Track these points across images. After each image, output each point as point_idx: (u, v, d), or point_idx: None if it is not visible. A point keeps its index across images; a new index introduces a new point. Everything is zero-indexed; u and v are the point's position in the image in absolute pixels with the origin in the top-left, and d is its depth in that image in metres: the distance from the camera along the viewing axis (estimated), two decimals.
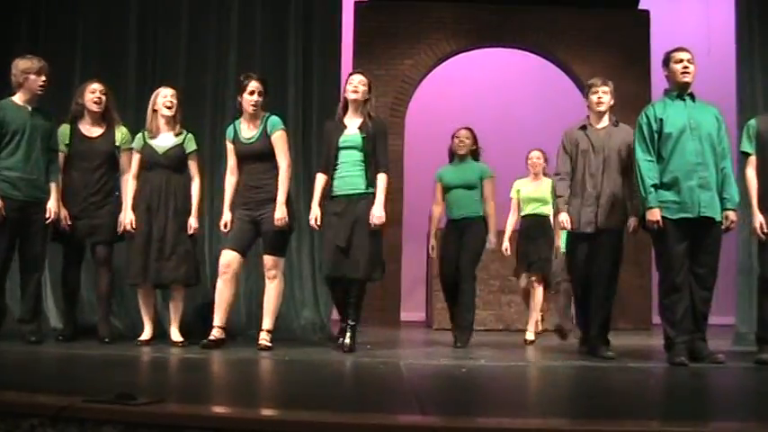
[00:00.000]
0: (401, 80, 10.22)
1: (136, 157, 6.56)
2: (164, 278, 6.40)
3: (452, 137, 7.23)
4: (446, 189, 7.15)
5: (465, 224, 7.02)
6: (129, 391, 3.43)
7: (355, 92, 6.35)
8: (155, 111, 6.56)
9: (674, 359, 5.70)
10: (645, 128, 5.95)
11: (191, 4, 8.07)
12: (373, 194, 6.21)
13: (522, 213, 7.93)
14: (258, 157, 6.33)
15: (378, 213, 6.13)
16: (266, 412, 3.55)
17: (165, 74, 7.71)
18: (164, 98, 6.55)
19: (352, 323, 6.24)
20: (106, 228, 6.48)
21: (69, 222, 6.40)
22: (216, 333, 6.24)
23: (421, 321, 10.39)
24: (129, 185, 6.55)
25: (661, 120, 5.91)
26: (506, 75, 11.20)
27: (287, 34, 8.04)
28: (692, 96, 6.01)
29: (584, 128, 6.42)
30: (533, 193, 7.89)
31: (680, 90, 5.99)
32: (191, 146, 6.58)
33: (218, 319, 6.29)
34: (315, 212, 6.33)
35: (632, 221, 6.17)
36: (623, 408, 4.07)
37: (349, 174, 6.26)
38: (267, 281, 6.34)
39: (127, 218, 6.45)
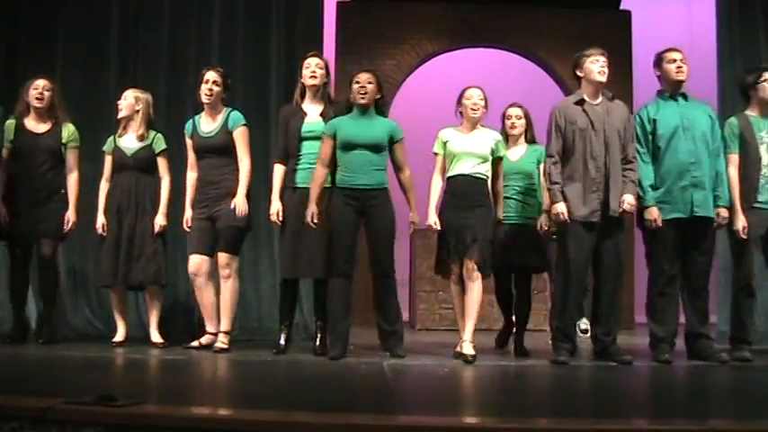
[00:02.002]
0: (383, 80, 10.17)
1: (108, 160, 6.55)
2: (132, 279, 6.38)
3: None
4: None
5: None
6: (110, 393, 3.43)
7: (314, 76, 6.14)
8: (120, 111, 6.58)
9: (659, 357, 5.76)
10: (639, 129, 5.98)
11: (172, 5, 8.04)
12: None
13: (451, 173, 6.07)
14: (216, 151, 6.25)
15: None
16: (246, 413, 3.54)
17: (147, 75, 7.69)
18: (125, 99, 6.58)
19: (320, 324, 6.17)
20: (51, 225, 6.40)
21: (7, 219, 6.33)
22: (208, 338, 6.24)
23: (404, 321, 10.31)
24: (101, 188, 6.54)
25: (654, 120, 5.95)
26: (489, 74, 11.17)
27: (269, 35, 8.02)
28: (685, 96, 6.03)
29: (580, 102, 5.91)
30: (468, 145, 6.03)
31: (673, 90, 6.02)
32: (160, 145, 6.55)
33: (211, 325, 6.27)
34: (276, 206, 6.03)
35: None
36: (608, 407, 4.09)
37: (312, 165, 5.98)
38: (222, 280, 6.23)
39: (98, 221, 6.43)
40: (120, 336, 6.45)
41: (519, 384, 5.08)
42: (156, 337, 6.41)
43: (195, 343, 6.25)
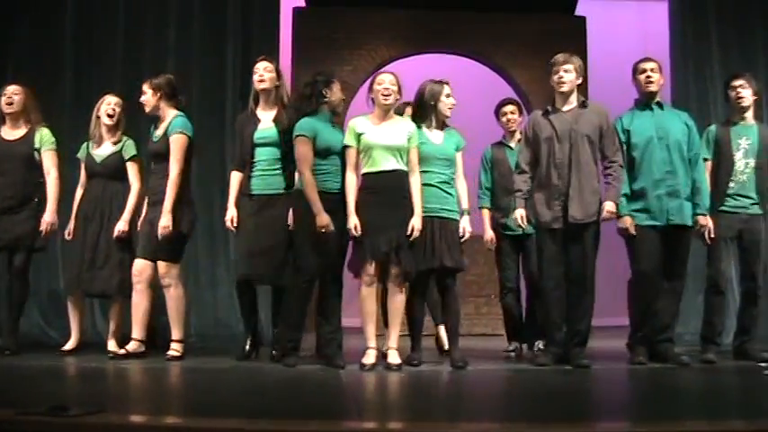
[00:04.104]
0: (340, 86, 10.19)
1: (82, 166, 6.48)
2: (95, 288, 6.30)
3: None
4: None
5: None
6: (63, 403, 3.38)
7: (262, 80, 6.04)
8: (98, 117, 6.45)
9: (634, 359, 5.86)
10: None
11: (127, 13, 8.00)
12: (291, 193, 5.79)
13: (366, 169, 5.69)
14: (157, 157, 6.18)
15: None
16: (203, 421, 3.51)
17: (102, 83, 7.58)
18: (107, 105, 6.44)
19: (276, 330, 6.09)
20: (23, 235, 6.30)
21: None
22: (132, 346, 6.11)
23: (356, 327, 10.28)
24: (76, 194, 6.46)
25: (628, 131, 6.00)
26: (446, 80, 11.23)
27: (225, 42, 8.02)
28: (661, 105, 6.09)
29: (546, 113, 5.93)
30: (384, 137, 5.64)
31: (647, 99, 6.07)
32: (130, 152, 6.45)
33: (138, 332, 6.12)
34: (231, 213, 5.97)
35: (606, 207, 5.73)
36: (570, 409, 4.10)
37: (267, 172, 5.93)
38: (164, 290, 6.13)
39: (68, 227, 6.36)
40: (71, 343, 6.35)
41: (462, 389, 5.08)
42: (113, 346, 6.28)
43: (122, 351, 6.08)
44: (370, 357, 5.56)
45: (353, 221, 5.52)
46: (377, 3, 10.29)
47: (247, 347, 6.09)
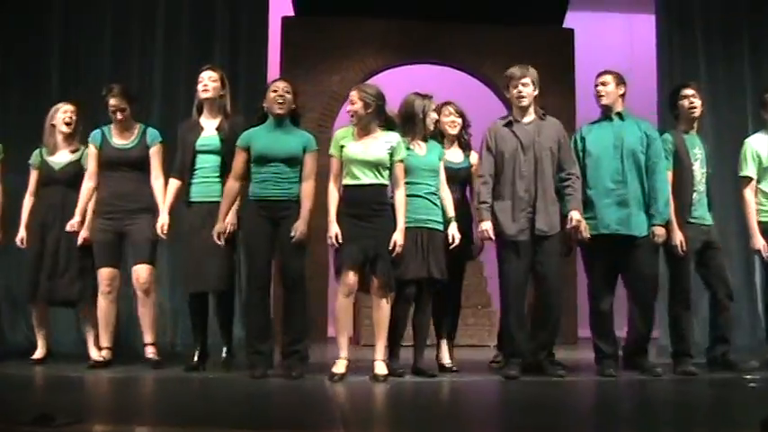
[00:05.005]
0: (328, 96, 10.17)
1: (34, 174, 6.43)
2: (56, 296, 6.26)
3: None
4: None
5: None
6: (48, 412, 3.35)
7: (206, 89, 6.01)
8: (53, 126, 6.41)
9: (603, 372, 5.85)
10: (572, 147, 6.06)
11: (113, 21, 7.97)
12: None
13: (345, 182, 5.69)
14: (133, 165, 6.16)
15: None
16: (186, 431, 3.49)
17: (88, 92, 7.51)
18: (63, 113, 6.41)
19: (225, 340, 6.05)
20: None
21: None
22: (104, 354, 6.08)
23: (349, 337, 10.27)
24: (25, 202, 6.41)
25: (584, 140, 6.05)
26: (434, 90, 11.23)
27: (213, 51, 8.01)
28: (621, 115, 6.09)
29: (509, 124, 5.93)
30: (363, 151, 5.65)
31: (604, 111, 6.11)
32: None
33: (105, 340, 6.10)
34: (163, 220, 5.98)
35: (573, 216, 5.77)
36: (550, 422, 4.10)
37: (208, 180, 5.92)
38: (142, 294, 6.12)
39: (19, 235, 6.31)
40: (39, 353, 6.32)
41: (445, 400, 5.12)
42: (94, 354, 6.22)
43: (99, 358, 6.08)
44: (339, 367, 5.54)
45: (334, 230, 5.51)
46: (365, 13, 10.28)
47: (196, 358, 6.03)
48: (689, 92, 6.32)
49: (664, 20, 8.65)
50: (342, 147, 5.66)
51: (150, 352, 6.10)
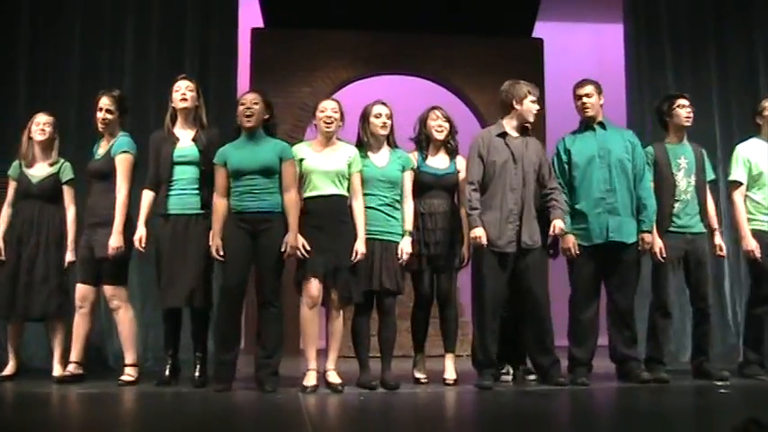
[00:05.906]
0: (298, 107, 10.15)
1: (12, 185, 6.35)
2: (32, 311, 6.17)
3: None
4: None
5: None
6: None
7: (184, 99, 5.94)
8: (29, 138, 6.33)
9: (575, 380, 5.87)
10: (556, 160, 6.16)
11: (83, 33, 7.91)
12: (206, 214, 5.76)
13: (306, 194, 5.73)
14: (98, 176, 6.09)
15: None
16: None
17: (56, 102, 7.47)
18: (37, 125, 6.33)
19: (199, 354, 5.96)
20: None
21: None
22: (72, 368, 6.02)
23: (321, 349, 10.21)
24: (3, 212, 6.33)
25: (569, 151, 6.09)
26: (404, 101, 11.22)
27: (183, 61, 7.94)
28: (603, 125, 6.15)
29: (503, 135, 5.94)
30: (323, 163, 5.74)
31: (587, 122, 6.15)
32: (67, 174, 6.35)
33: (76, 355, 6.05)
34: (140, 232, 5.81)
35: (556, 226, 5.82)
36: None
37: (185, 192, 5.83)
38: (113, 313, 6.07)
39: None
40: (9, 369, 6.23)
41: (422, 411, 5.09)
42: (57, 370, 6.13)
43: (67, 372, 6.01)
44: (310, 379, 5.57)
45: (299, 241, 5.53)
46: (336, 24, 10.29)
47: (167, 373, 5.98)
48: (685, 102, 6.41)
49: (632, 31, 8.70)
50: (301, 161, 5.71)
51: (127, 373, 5.96)
